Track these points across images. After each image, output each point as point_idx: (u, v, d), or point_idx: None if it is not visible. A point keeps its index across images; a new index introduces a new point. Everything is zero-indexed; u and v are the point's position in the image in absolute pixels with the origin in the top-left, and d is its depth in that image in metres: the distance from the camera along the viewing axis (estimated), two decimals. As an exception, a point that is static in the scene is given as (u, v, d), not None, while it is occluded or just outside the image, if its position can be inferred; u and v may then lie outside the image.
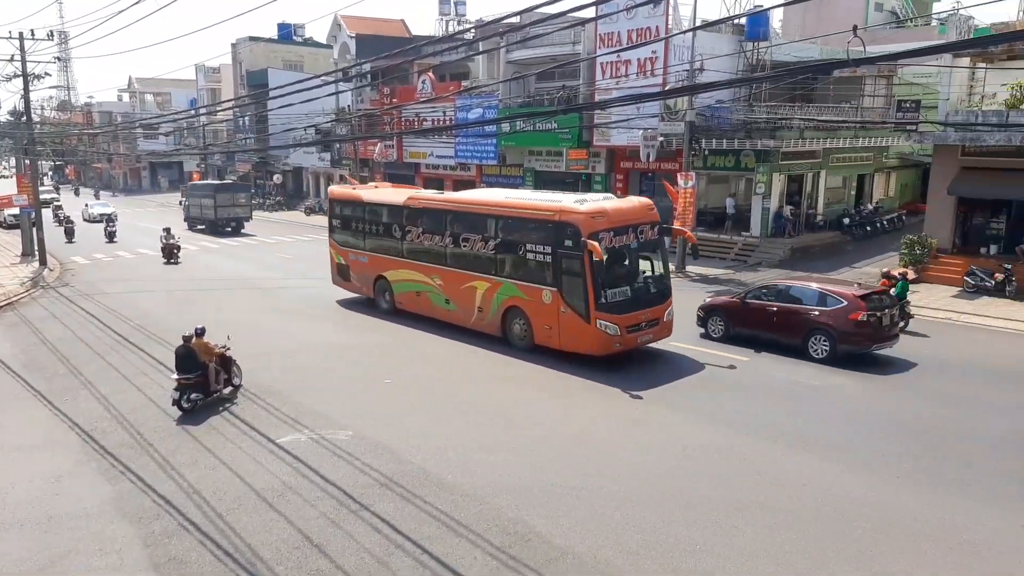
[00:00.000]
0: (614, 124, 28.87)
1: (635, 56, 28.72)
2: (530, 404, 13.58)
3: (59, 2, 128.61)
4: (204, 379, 13.37)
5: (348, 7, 26.97)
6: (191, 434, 12.25)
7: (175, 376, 13.21)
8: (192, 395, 13.21)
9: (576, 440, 11.80)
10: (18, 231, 34.26)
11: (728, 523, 9.16)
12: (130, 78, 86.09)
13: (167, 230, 31.93)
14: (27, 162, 32.67)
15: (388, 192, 21.73)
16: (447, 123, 37.45)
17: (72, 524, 9.50)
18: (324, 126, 43.68)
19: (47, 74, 31.14)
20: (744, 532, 8.96)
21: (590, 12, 30.42)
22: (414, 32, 55.49)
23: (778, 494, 9.95)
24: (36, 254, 30.29)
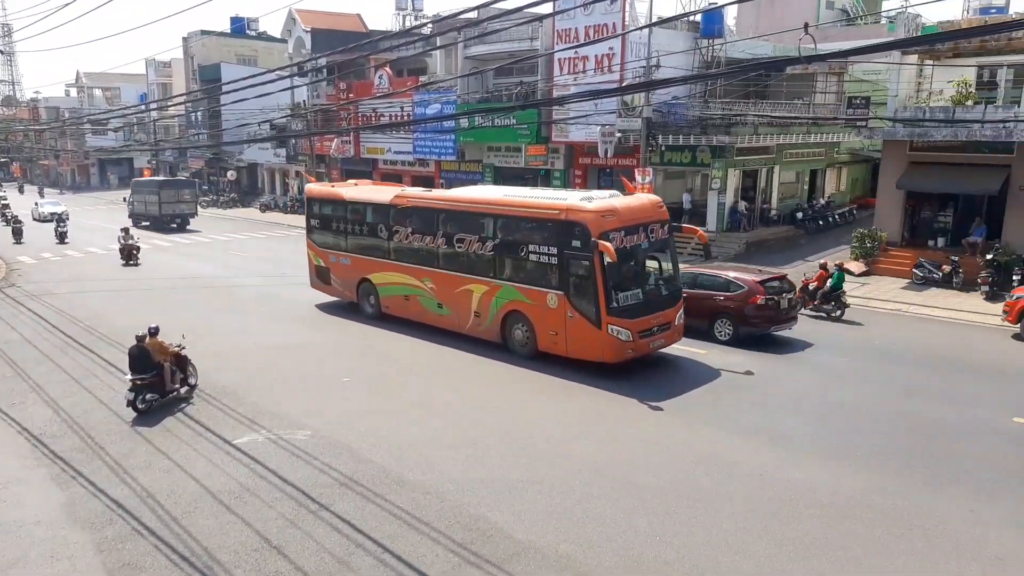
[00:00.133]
0: (572, 120, 29.00)
1: (592, 52, 28.86)
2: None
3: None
4: (159, 379, 13.09)
5: (303, 0, 26.61)
6: (145, 437, 12.00)
7: (129, 377, 12.90)
8: (147, 396, 12.92)
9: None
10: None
11: (687, 513, 9.29)
12: (78, 72, 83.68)
13: (125, 230, 30.72)
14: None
15: (372, 190, 20.76)
16: (405, 119, 37.21)
17: (22, 531, 9.24)
18: (279, 121, 43.09)
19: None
20: (703, 522, 9.09)
21: (547, 8, 30.60)
22: (370, 27, 55.01)
23: (736, 485, 10.12)
24: (-20, 254, 29.38)
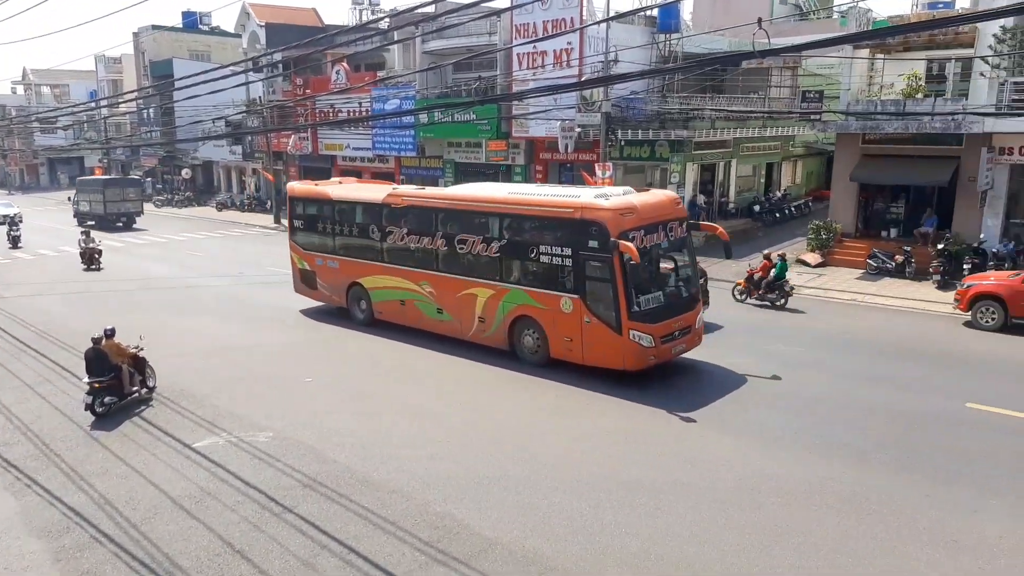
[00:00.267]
0: (532, 115, 29.03)
1: (551, 47, 28.92)
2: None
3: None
4: (117, 382, 12.84)
5: (257, -5, 26.16)
6: (101, 442, 11.73)
7: (86, 380, 12.65)
8: (106, 399, 12.68)
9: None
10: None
11: (651, 504, 9.38)
12: (24, 69, 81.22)
13: (86, 232, 29.16)
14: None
15: (360, 188, 19.80)
16: (363, 114, 36.87)
17: (-28, 543, 8.98)
18: (234, 118, 42.40)
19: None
20: (668, 513, 9.18)
21: (505, 2, 30.55)
22: (326, 21, 54.33)
23: (699, 475, 10.24)
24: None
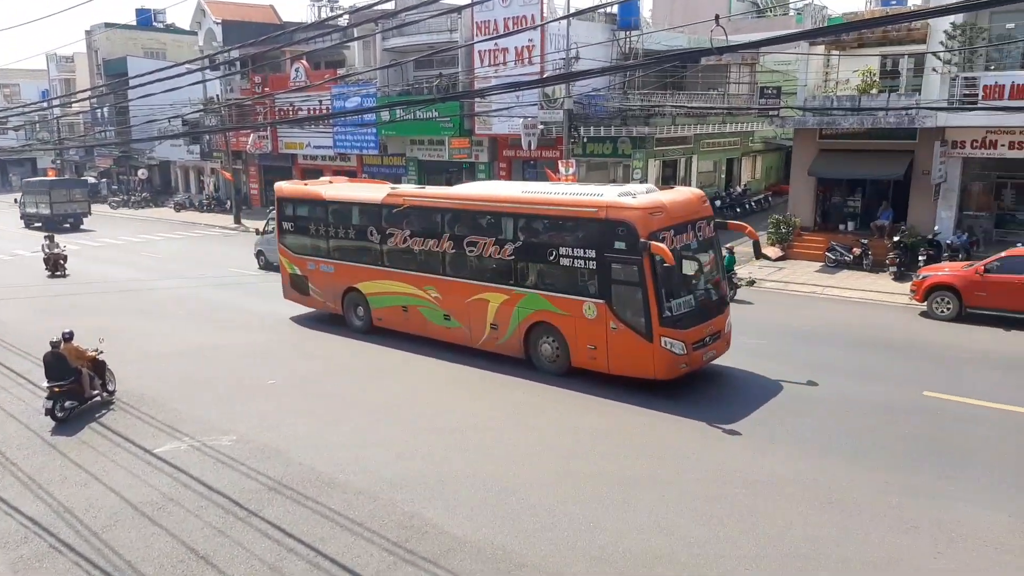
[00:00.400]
0: (495, 112, 29.00)
1: (512, 44, 28.93)
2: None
3: None
4: (78, 386, 12.59)
5: (213, -8, 25.76)
6: (59, 449, 11.45)
7: (46, 384, 12.38)
8: (66, 403, 12.43)
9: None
10: None
11: (619, 498, 9.43)
12: (-30, 68, 79.12)
13: (50, 237, 27.74)
14: None
15: (355, 188, 18.80)
16: (323, 112, 36.51)
17: (-76, 556, 8.71)
18: (191, 117, 41.70)
19: None
20: (635, 507, 9.25)
21: None
22: (284, 18, 53.70)
23: (666, 467, 10.32)
24: None
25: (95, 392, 13.05)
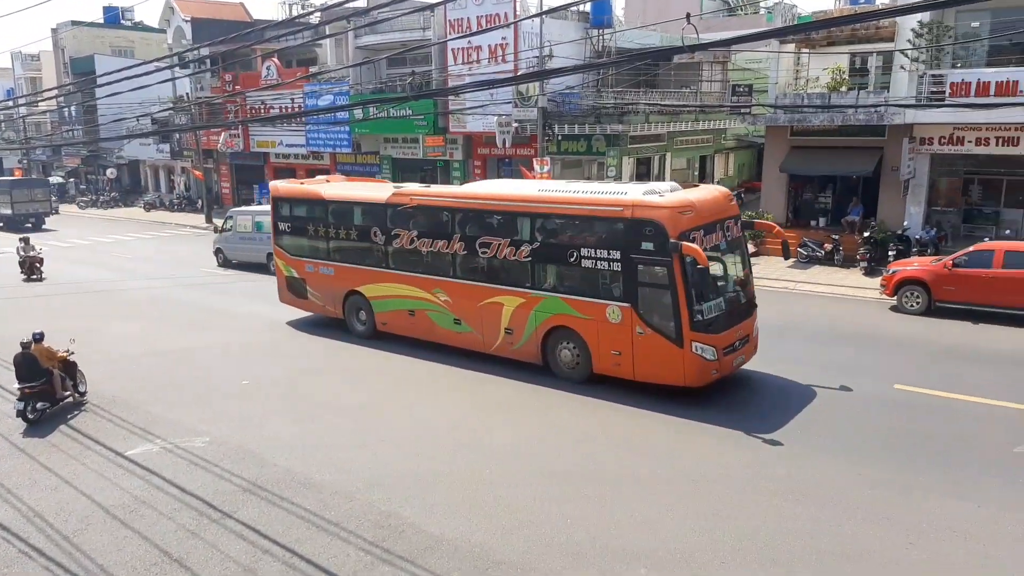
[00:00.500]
0: (469, 110, 28.95)
1: (485, 42, 28.88)
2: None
3: None
4: (49, 387, 12.43)
5: (182, -11, 25.42)
6: (29, 453, 11.25)
7: (17, 386, 12.21)
8: (38, 404, 12.28)
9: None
10: None
11: (596, 495, 9.46)
12: (-68, 66, 77.43)
13: (25, 239, 26.86)
14: None
15: (355, 187, 18.08)
16: (296, 110, 36.23)
17: None
18: (160, 115, 41.15)
19: None
20: (611, 503, 9.28)
21: (438, -3, 30.34)
22: (255, 16, 53.20)
23: (642, 464, 10.37)
24: None
25: (67, 393, 12.91)
